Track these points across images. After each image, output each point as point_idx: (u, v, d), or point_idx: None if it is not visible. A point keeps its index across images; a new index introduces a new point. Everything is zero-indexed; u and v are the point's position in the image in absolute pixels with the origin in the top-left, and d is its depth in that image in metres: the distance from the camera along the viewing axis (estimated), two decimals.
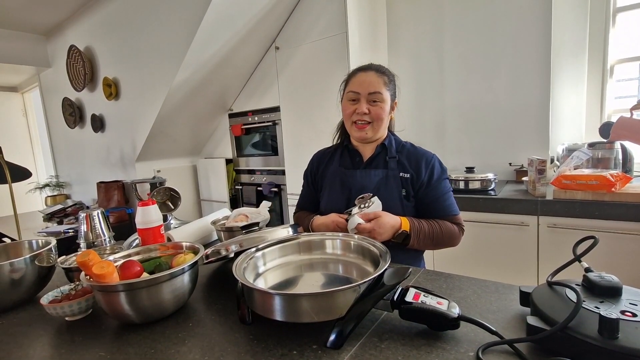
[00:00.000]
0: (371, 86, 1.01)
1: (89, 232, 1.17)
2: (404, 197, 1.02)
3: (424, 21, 2.55)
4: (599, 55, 2.20)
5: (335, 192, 1.10)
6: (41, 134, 4.57)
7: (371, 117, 1.02)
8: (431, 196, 1.04)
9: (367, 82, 1.02)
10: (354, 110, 1.03)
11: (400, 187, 1.04)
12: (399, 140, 1.13)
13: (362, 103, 1.02)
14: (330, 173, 1.14)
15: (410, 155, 1.08)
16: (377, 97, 1.01)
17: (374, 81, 1.01)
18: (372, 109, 1.02)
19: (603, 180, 1.56)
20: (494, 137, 2.37)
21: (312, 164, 1.24)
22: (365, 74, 1.03)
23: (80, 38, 3.16)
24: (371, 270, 0.79)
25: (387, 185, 1.03)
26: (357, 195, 1.03)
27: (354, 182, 1.07)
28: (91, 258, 0.71)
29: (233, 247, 0.85)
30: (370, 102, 1.02)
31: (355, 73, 1.06)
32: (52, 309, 0.76)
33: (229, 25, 2.25)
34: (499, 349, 0.58)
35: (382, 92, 1.01)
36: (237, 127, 2.99)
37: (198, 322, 0.75)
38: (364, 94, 1.02)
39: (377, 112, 1.02)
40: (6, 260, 0.87)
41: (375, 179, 1.05)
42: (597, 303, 0.57)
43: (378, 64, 1.08)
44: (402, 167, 1.06)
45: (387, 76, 1.05)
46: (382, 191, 1.04)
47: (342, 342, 0.62)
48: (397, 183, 1.04)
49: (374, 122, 1.03)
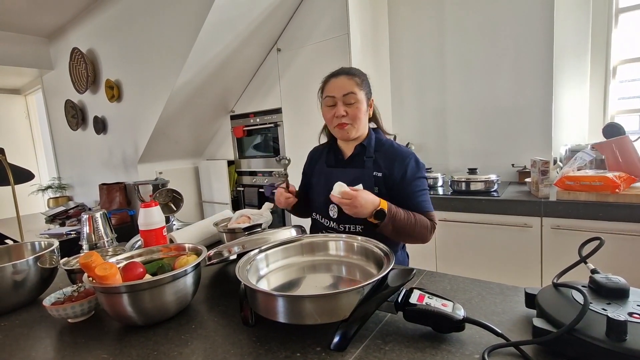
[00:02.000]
0: (344, 89, 1.08)
1: (91, 233, 1.17)
2: (376, 194, 1.05)
3: (426, 22, 2.54)
4: (602, 56, 2.19)
5: (320, 188, 1.18)
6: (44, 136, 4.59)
7: (349, 118, 1.09)
8: (404, 193, 1.09)
9: (340, 86, 1.09)
10: (334, 114, 1.10)
11: (373, 185, 1.09)
12: (381, 139, 1.17)
13: (339, 106, 1.09)
14: (317, 170, 1.24)
15: (387, 154, 1.12)
16: (351, 98, 1.08)
17: (346, 84, 1.09)
18: (349, 110, 1.09)
19: (607, 181, 1.55)
20: (497, 138, 2.36)
21: (309, 159, 1.34)
22: (336, 79, 1.11)
23: (82, 40, 3.18)
24: (374, 272, 0.79)
25: (360, 183, 1.07)
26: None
27: (331, 177, 1.14)
28: (94, 259, 0.71)
29: (235, 249, 0.85)
30: (346, 104, 1.09)
31: (328, 80, 1.14)
32: (54, 311, 0.76)
33: (231, 28, 2.25)
34: (505, 351, 0.57)
35: (356, 92, 1.08)
36: (238, 128, 2.99)
37: (201, 324, 0.74)
38: (339, 97, 1.09)
39: (353, 113, 1.09)
40: (9, 262, 0.87)
41: (350, 177, 1.11)
42: (604, 305, 0.56)
43: (348, 67, 1.15)
44: (377, 166, 1.12)
45: (357, 77, 1.11)
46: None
47: (346, 344, 0.61)
48: (370, 181, 1.10)
49: (352, 122, 1.10)
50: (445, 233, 2.03)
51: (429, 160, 2.63)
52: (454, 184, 2.10)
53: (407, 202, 1.08)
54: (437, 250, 2.08)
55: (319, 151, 1.30)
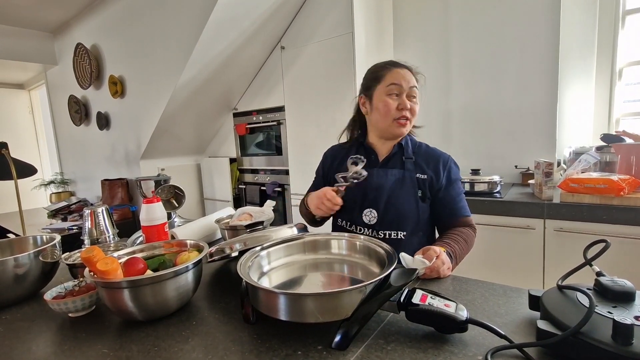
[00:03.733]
0: (412, 81, 1.00)
1: (93, 228, 1.17)
2: (419, 198, 1.01)
3: (431, 22, 2.53)
4: (608, 58, 2.17)
5: (351, 189, 1.03)
6: (47, 131, 4.60)
7: (411, 113, 1.01)
8: (448, 197, 1.04)
9: (408, 77, 1.01)
10: (397, 106, 0.99)
11: (416, 188, 1.02)
12: (415, 141, 1.12)
13: (404, 98, 1.00)
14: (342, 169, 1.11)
15: (428, 157, 1.06)
16: (415, 93, 1.01)
17: (411, 77, 1.02)
18: (411, 105, 1.01)
19: (611, 184, 1.54)
20: (500, 139, 2.35)
21: (325, 159, 1.22)
22: (401, 70, 1.02)
23: (87, 36, 3.18)
24: (377, 271, 0.78)
25: (403, 185, 1.02)
26: (373, 194, 1.03)
27: (370, 180, 1.02)
28: (95, 254, 0.70)
29: (237, 246, 0.84)
30: (410, 98, 1.01)
31: (389, 68, 1.02)
32: (55, 305, 0.76)
33: (235, 25, 2.25)
34: (508, 353, 0.57)
35: (417, 88, 1.02)
36: (241, 126, 2.99)
37: (201, 320, 0.74)
38: (406, 88, 0.99)
39: (414, 109, 1.02)
40: (10, 255, 0.87)
41: (392, 178, 1.03)
42: (610, 308, 0.55)
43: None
44: (419, 168, 1.04)
45: (417, 75, 1.06)
46: (397, 191, 1.02)
47: (347, 343, 0.61)
48: (413, 184, 1.02)
49: (411, 119, 1.02)
50: None
51: None
52: None
53: (449, 206, 1.04)
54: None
55: (343, 150, 1.17)
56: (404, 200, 1.01)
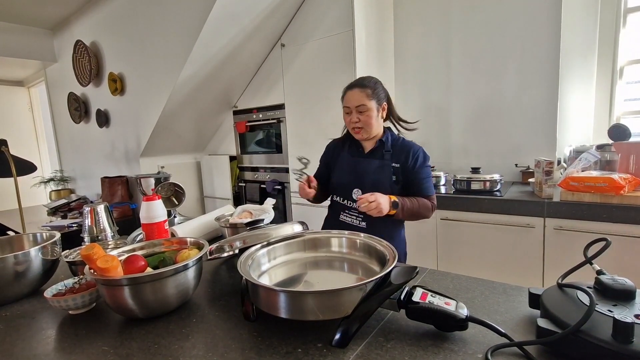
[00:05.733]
0: (356, 101, 1.27)
1: (93, 226, 1.17)
2: (393, 182, 1.30)
3: (431, 21, 2.52)
4: (609, 56, 2.17)
5: (344, 173, 1.38)
6: (46, 129, 4.59)
7: (362, 124, 1.29)
8: (414, 179, 1.31)
9: (354, 99, 1.28)
10: (349, 120, 1.31)
11: (391, 174, 1.31)
12: (395, 136, 1.39)
13: (353, 114, 1.29)
14: (342, 158, 1.41)
15: (402, 149, 1.33)
16: (362, 109, 1.27)
17: (358, 97, 1.27)
18: (361, 117, 1.28)
19: (612, 182, 1.54)
20: (500, 137, 2.35)
21: (329, 150, 1.49)
22: (351, 92, 1.29)
23: (86, 33, 3.17)
24: (377, 269, 0.78)
25: (382, 171, 1.31)
26: (359, 177, 1.32)
27: (358, 166, 1.35)
28: (95, 252, 0.70)
29: (237, 244, 0.84)
30: (359, 113, 1.28)
31: (345, 92, 1.32)
32: (55, 302, 0.76)
33: (235, 22, 2.24)
34: (508, 351, 0.57)
35: (366, 103, 1.26)
36: (241, 124, 2.98)
37: (202, 317, 0.74)
38: (353, 108, 1.28)
39: (364, 120, 1.28)
40: (11, 252, 0.87)
41: (373, 166, 1.33)
42: (610, 306, 0.55)
43: (361, 79, 1.32)
44: (394, 158, 1.32)
45: (369, 88, 1.28)
46: (377, 176, 1.31)
47: (347, 341, 0.61)
48: (389, 171, 1.31)
49: (364, 127, 1.29)
50: (447, 232, 2.02)
51: (432, 159, 2.58)
52: (456, 183, 2.09)
53: (416, 186, 1.30)
54: (438, 249, 2.07)
55: (340, 143, 1.46)
56: (380, 183, 1.29)
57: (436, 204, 1.33)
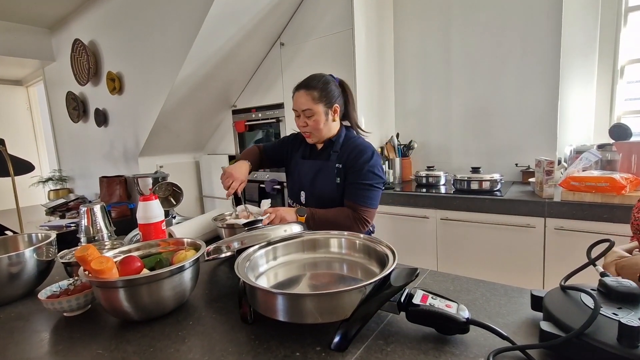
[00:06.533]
0: (302, 105, 1.19)
1: (89, 226, 1.16)
2: (337, 184, 1.20)
3: (431, 20, 2.51)
4: (610, 56, 2.16)
5: (293, 177, 1.33)
6: (45, 128, 4.57)
7: (309, 129, 1.21)
8: (350, 179, 1.19)
9: (299, 102, 1.19)
10: (298, 124, 1.24)
11: (335, 175, 1.21)
12: (350, 136, 1.28)
13: (301, 118, 1.21)
14: (294, 158, 1.36)
15: (351, 150, 1.22)
16: (309, 113, 1.19)
17: (303, 100, 1.18)
18: (309, 121, 1.20)
19: (613, 182, 1.53)
20: (501, 137, 2.34)
21: (289, 140, 1.42)
22: (297, 93, 1.21)
23: (84, 32, 3.15)
24: (376, 270, 0.77)
25: (323, 173, 1.22)
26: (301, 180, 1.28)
27: (301, 168, 1.29)
28: (90, 253, 0.69)
29: (235, 245, 0.83)
30: (306, 117, 1.20)
31: (293, 93, 1.24)
32: (49, 304, 0.74)
33: (234, 21, 2.23)
34: (510, 355, 0.56)
35: (312, 107, 1.18)
36: (240, 123, 2.97)
37: (198, 320, 0.73)
38: (299, 111, 1.20)
39: (312, 125, 1.20)
40: (5, 253, 0.86)
41: (315, 167, 1.25)
42: (615, 309, 0.54)
43: (309, 78, 1.21)
44: (340, 158, 1.22)
45: (316, 90, 1.18)
46: (318, 177, 1.24)
47: (346, 345, 0.60)
48: (332, 172, 1.22)
49: (313, 132, 1.21)
50: (447, 232, 2.01)
51: (431, 159, 2.61)
52: (456, 183, 2.08)
53: (349, 188, 1.18)
54: (437, 250, 2.06)
55: (299, 140, 1.38)
56: (322, 185, 1.22)
57: (367, 218, 1.18)
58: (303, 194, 1.27)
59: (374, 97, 2.47)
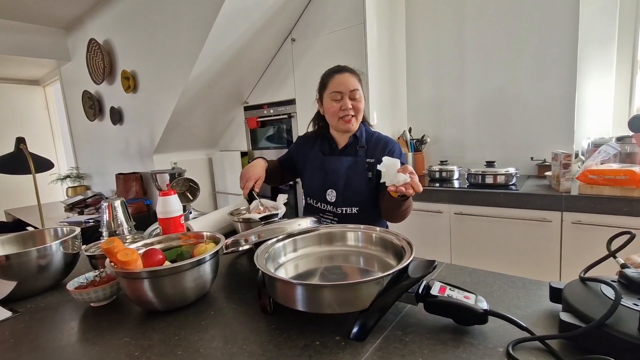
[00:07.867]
0: (351, 85, 1.17)
1: (110, 221, 1.19)
2: (369, 179, 1.20)
3: (444, 11, 2.48)
4: (629, 46, 2.10)
5: (316, 174, 1.28)
6: (62, 127, 4.69)
7: (354, 111, 1.19)
8: None
9: (348, 82, 1.17)
10: (339, 107, 1.18)
11: (366, 170, 1.21)
12: (369, 131, 1.30)
13: (346, 100, 1.17)
14: (311, 156, 1.32)
15: (377, 143, 1.24)
16: (357, 94, 1.18)
17: (351, 81, 1.18)
18: (354, 104, 1.18)
19: (632, 175, 1.50)
20: (516, 130, 2.30)
21: (297, 145, 1.41)
22: (341, 75, 1.19)
23: (99, 31, 3.21)
24: (393, 263, 0.78)
25: (355, 169, 1.21)
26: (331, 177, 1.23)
27: (329, 165, 1.25)
28: (116, 245, 0.72)
29: (253, 238, 0.85)
30: (352, 99, 1.18)
31: (331, 75, 1.21)
32: (78, 295, 0.77)
33: (245, 18, 2.24)
34: (529, 345, 0.56)
35: (359, 88, 1.19)
36: (252, 119, 2.99)
37: (219, 310, 0.75)
38: (346, 92, 1.17)
39: (358, 107, 1.19)
40: (33, 247, 0.90)
41: (345, 164, 1.23)
42: (636, 300, 0.54)
43: (345, 65, 1.23)
44: (369, 154, 1.23)
45: (358, 75, 1.21)
46: (350, 174, 1.22)
47: (365, 335, 0.61)
48: (363, 168, 1.21)
49: (357, 115, 1.20)
50: (461, 226, 2.00)
51: (445, 153, 2.58)
52: (470, 177, 2.06)
53: None
54: (452, 243, 2.05)
55: (310, 139, 1.36)
56: (356, 182, 1.20)
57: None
58: (332, 192, 1.23)
59: (386, 92, 2.46)
